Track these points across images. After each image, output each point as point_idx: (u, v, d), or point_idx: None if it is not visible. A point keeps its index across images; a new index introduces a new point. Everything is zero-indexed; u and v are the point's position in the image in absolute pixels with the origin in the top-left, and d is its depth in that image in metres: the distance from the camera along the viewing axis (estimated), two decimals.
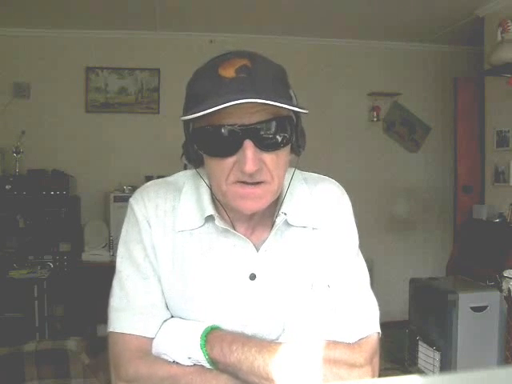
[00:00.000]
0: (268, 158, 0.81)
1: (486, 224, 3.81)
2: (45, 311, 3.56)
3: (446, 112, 4.88)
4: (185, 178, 0.97)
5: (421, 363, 2.97)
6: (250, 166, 0.78)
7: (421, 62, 4.89)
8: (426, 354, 2.92)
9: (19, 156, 4.08)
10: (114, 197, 4.17)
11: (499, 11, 3.72)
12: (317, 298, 0.90)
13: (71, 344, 1.81)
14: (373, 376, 0.87)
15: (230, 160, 0.81)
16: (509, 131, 3.73)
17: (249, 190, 0.82)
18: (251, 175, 0.80)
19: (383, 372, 0.89)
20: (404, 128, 4.92)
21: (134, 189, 4.04)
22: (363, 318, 0.90)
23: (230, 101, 0.73)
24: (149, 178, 4.54)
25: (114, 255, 3.99)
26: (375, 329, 0.90)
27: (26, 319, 3.44)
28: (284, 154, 0.84)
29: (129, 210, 0.94)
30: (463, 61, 4.85)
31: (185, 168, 1.02)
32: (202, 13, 4.08)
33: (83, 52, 4.41)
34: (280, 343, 0.86)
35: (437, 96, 4.93)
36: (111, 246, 4.14)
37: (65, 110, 4.38)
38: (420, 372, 2.94)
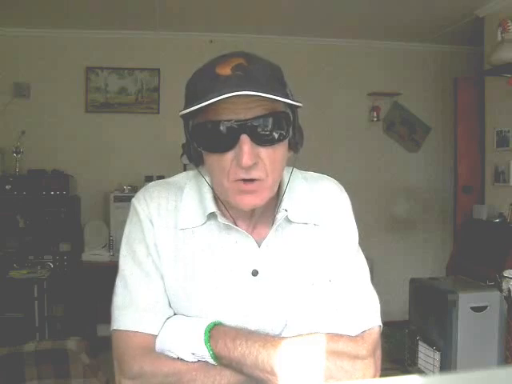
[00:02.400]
0: (264, 153, 0.83)
1: (486, 224, 3.81)
2: (45, 311, 3.56)
3: (446, 112, 4.88)
4: (186, 179, 0.98)
5: (421, 363, 2.97)
6: (246, 160, 0.80)
7: (421, 62, 4.89)
8: (426, 353, 2.92)
9: (19, 156, 4.08)
10: (114, 197, 4.17)
11: (499, 11, 3.72)
12: (318, 293, 0.92)
13: (71, 344, 1.81)
14: (375, 368, 0.89)
15: (228, 156, 0.82)
16: (509, 131, 3.73)
17: (248, 186, 0.83)
18: (247, 170, 0.82)
19: (383, 372, 0.90)
20: (404, 128, 4.92)
21: (133, 189, 4.05)
22: (365, 311, 0.91)
23: (225, 94, 0.75)
24: (149, 178, 4.54)
25: (114, 255, 4.00)
26: (377, 321, 0.92)
27: (26, 319, 3.44)
28: (281, 149, 0.85)
29: (131, 209, 0.96)
30: (463, 61, 4.85)
31: (184, 168, 1.03)
32: (202, 13, 4.08)
33: (83, 52, 4.41)
34: (283, 337, 0.87)
35: (437, 96, 4.93)
36: (111, 245, 4.14)
37: (65, 110, 4.38)
38: (420, 372, 2.94)
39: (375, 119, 4.79)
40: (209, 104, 0.77)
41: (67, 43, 4.38)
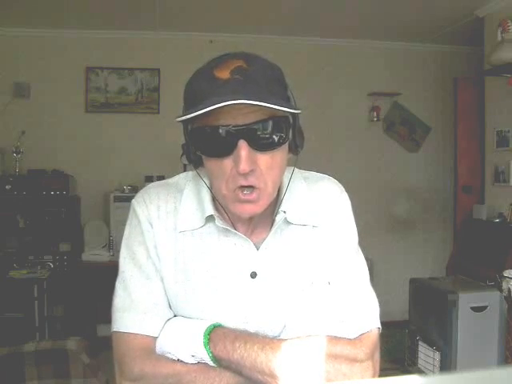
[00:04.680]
0: (262, 159, 0.82)
1: (485, 224, 3.81)
2: (45, 311, 3.56)
3: (446, 112, 4.88)
4: (186, 180, 0.98)
5: (421, 363, 2.97)
6: (243, 166, 0.79)
7: (421, 62, 4.89)
8: (426, 353, 2.92)
9: (19, 156, 4.08)
10: (114, 197, 4.17)
11: (499, 11, 3.72)
12: (317, 295, 0.91)
13: (71, 344, 1.81)
14: (374, 371, 0.88)
15: (227, 161, 0.82)
16: (509, 131, 3.73)
17: (247, 197, 0.83)
18: (246, 177, 0.81)
19: (383, 372, 0.89)
20: (404, 128, 4.92)
21: (133, 189, 4.05)
22: (364, 314, 0.91)
23: (222, 102, 0.74)
24: (149, 178, 4.54)
25: (113, 255, 4.00)
26: (376, 324, 0.91)
27: (26, 319, 3.44)
28: (279, 154, 0.85)
29: (131, 211, 0.96)
30: (463, 61, 4.85)
31: (184, 168, 1.03)
32: (202, 13, 4.08)
33: (83, 52, 4.41)
34: (282, 340, 0.87)
35: (437, 96, 4.93)
36: (111, 245, 4.14)
37: (65, 109, 4.38)
38: (420, 372, 2.94)
39: (375, 119, 4.79)
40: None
41: (67, 43, 4.38)
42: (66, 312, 3.85)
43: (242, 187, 0.82)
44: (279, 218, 0.91)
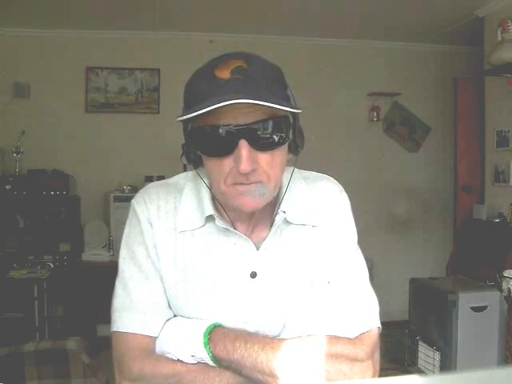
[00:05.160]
0: (263, 158, 0.82)
1: (485, 224, 3.81)
2: (45, 311, 3.55)
3: (446, 112, 4.88)
4: (186, 180, 0.98)
5: (421, 363, 2.97)
6: (244, 166, 0.79)
7: (421, 62, 4.89)
8: (426, 353, 2.92)
9: (19, 156, 4.08)
10: (114, 197, 4.17)
11: (499, 11, 3.72)
12: (317, 295, 0.91)
13: (71, 344, 1.81)
14: (374, 370, 0.88)
15: (227, 161, 0.82)
16: (509, 131, 3.73)
17: (246, 187, 0.83)
18: (247, 176, 0.81)
19: (383, 372, 0.89)
20: (404, 128, 4.92)
21: (133, 189, 4.05)
22: (364, 313, 0.91)
23: (224, 101, 0.74)
24: (149, 178, 4.52)
25: (113, 255, 3.99)
26: (376, 323, 0.91)
27: (26, 319, 3.44)
28: (280, 154, 0.85)
29: (131, 211, 0.96)
30: (463, 61, 4.85)
31: (184, 168, 1.02)
32: (202, 13, 4.08)
33: (83, 52, 4.41)
34: (282, 339, 0.87)
35: (437, 96, 4.93)
36: (111, 245, 4.14)
37: (65, 110, 4.38)
38: (420, 372, 2.94)
39: (375, 119, 4.79)
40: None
41: (67, 43, 4.38)
42: (66, 312, 3.85)
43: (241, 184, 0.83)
44: (279, 217, 0.91)
